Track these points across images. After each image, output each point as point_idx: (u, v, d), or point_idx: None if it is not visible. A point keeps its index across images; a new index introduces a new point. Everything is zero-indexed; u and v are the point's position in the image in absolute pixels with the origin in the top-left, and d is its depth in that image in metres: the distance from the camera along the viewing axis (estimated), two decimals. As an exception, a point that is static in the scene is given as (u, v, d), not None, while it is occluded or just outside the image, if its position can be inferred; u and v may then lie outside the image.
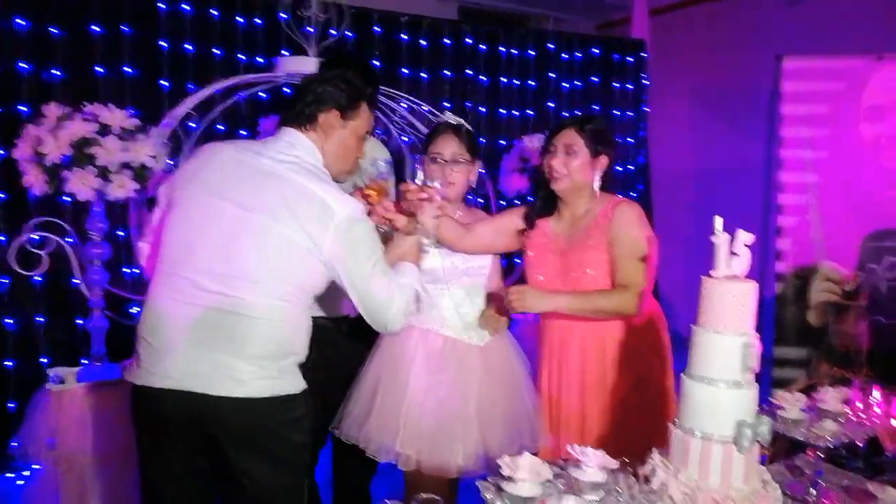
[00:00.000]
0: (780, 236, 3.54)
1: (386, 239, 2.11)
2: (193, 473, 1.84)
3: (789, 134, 3.48)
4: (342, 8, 3.37)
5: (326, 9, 3.33)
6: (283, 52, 3.76)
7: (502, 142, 4.79)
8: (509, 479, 1.39)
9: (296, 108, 1.92)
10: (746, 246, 1.61)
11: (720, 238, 1.61)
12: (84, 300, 2.97)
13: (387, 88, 3.80)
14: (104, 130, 2.82)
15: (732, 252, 1.61)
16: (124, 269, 3.63)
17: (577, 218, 2.36)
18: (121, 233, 3.47)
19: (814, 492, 1.89)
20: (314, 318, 2.45)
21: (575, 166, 2.27)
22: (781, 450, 2.17)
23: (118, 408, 2.25)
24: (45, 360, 3.39)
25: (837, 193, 3.40)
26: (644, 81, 5.22)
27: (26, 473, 3.22)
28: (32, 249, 2.89)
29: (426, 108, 3.46)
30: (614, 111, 5.21)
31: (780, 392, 1.93)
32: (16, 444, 2.87)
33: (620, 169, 5.06)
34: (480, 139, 4.45)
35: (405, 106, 3.51)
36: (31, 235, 2.89)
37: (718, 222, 1.62)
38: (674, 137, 5.45)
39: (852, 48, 3.34)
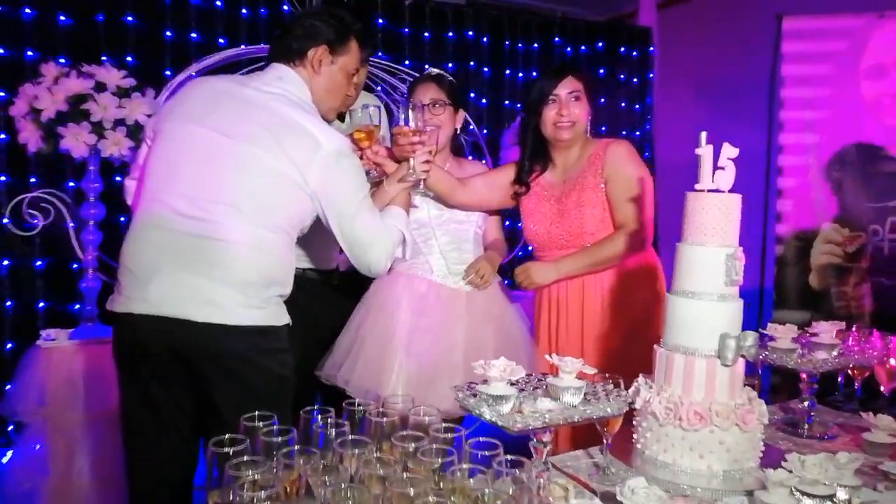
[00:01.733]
0: (780, 198, 3.49)
1: (375, 184, 2.10)
2: (175, 409, 1.80)
3: (790, 94, 3.44)
4: None
5: None
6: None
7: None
8: (484, 381, 1.36)
9: (284, 43, 1.90)
10: (730, 159, 1.58)
11: (704, 151, 1.58)
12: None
13: (390, 64, 3.84)
14: (100, 88, 2.84)
15: (718, 166, 1.58)
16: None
17: (568, 165, 2.36)
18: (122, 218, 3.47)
19: (807, 425, 1.86)
20: (304, 270, 2.49)
21: (581, 113, 2.28)
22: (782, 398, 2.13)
23: (109, 366, 2.26)
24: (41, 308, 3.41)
25: (840, 153, 3.34)
26: (650, 75, 5.15)
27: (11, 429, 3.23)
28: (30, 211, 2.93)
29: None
30: (620, 103, 5.17)
31: (773, 324, 1.88)
32: (8, 396, 2.86)
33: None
34: (484, 130, 4.49)
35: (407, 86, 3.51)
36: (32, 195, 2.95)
37: (703, 136, 1.60)
38: (679, 130, 5.33)
39: (853, 6, 3.28)
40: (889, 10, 3.20)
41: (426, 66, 4.65)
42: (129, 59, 3.54)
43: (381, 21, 4.31)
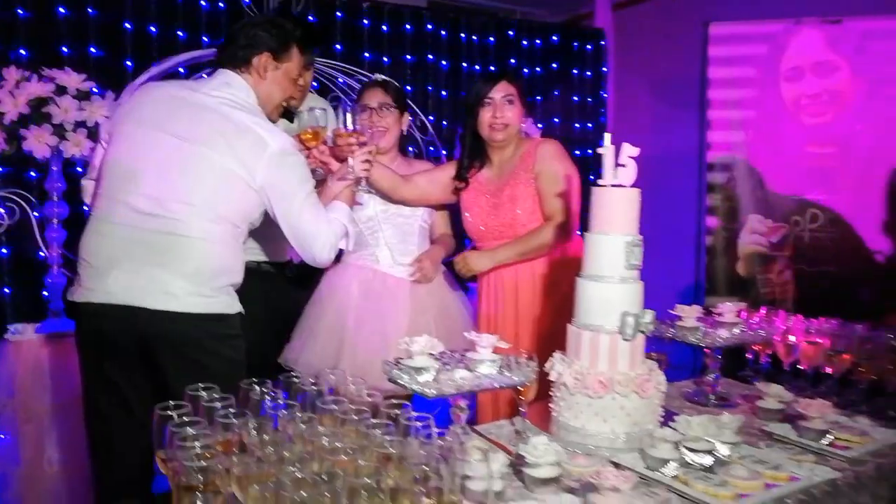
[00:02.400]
0: (710, 192, 3.73)
1: (321, 182, 2.26)
2: (133, 393, 1.92)
3: (717, 96, 3.68)
4: None
5: None
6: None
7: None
8: (408, 356, 1.53)
9: (229, 51, 2.04)
10: (631, 157, 1.77)
11: (607, 150, 1.77)
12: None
13: (349, 67, 3.98)
14: (61, 91, 2.95)
15: (619, 164, 1.77)
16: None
17: (503, 162, 2.55)
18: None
19: (712, 398, 2.06)
20: (258, 264, 2.63)
21: (513, 115, 2.45)
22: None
23: (74, 358, 2.37)
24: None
25: (763, 150, 3.59)
26: (603, 69, 5.34)
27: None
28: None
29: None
30: (574, 97, 5.35)
31: (680, 305, 2.08)
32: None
33: (579, 153, 5.21)
34: (442, 122, 4.66)
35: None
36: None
37: (607, 137, 1.79)
38: (632, 125, 5.55)
39: (773, 13, 3.53)
40: (805, 17, 3.46)
41: (385, 60, 4.81)
42: (91, 50, 3.61)
43: (339, 14, 4.42)
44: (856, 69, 3.40)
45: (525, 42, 5.14)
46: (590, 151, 5.37)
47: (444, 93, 4.89)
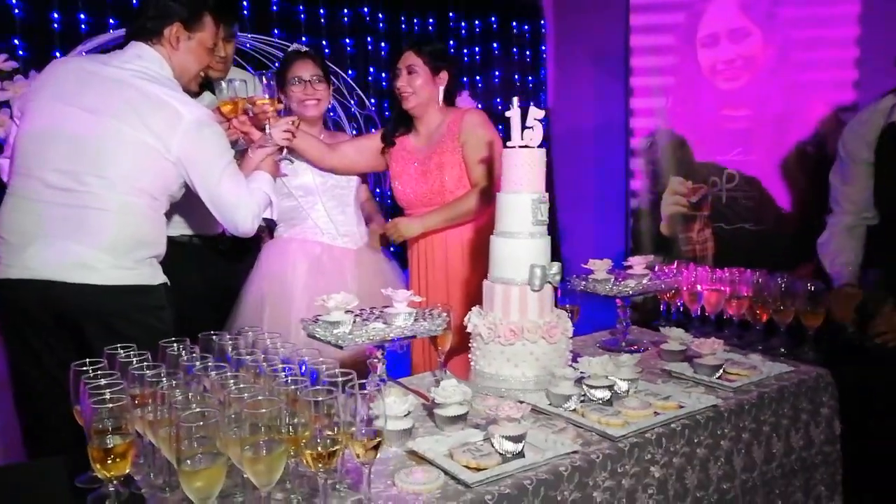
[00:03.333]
0: (633, 157, 3.88)
1: (242, 153, 2.30)
2: (57, 366, 1.89)
3: (639, 63, 3.82)
4: None
5: None
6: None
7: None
8: (326, 312, 1.61)
9: (140, 23, 2.03)
10: (537, 119, 1.86)
11: (514, 112, 1.86)
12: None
13: (283, 42, 3.96)
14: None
15: (527, 126, 1.86)
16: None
17: (431, 131, 2.61)
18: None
19: (624, 344, 2.20)
20: (189, 237, 2.65)
21: (418, 84, 2.51)
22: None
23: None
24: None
25: (683, 115, 3.75)
26: (542, 47, 5.41)
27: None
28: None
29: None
30: (514, 76, 5.42)
31: (593, 260, 2.21)
32: None
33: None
34: (385, 103, 4.67)
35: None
36: None
37: (515, 101, 1.88)
38: (574, 101, 5.64)
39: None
40: (720, -15, 3.61)
41: (323, 43, 4.81)
42: (15, 41, 3.53)
43: (274, 7, 4.41)
44: (767, 35, 3.57)
45: (464, 24, 5.20)
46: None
47: (383, 75, 4.93)
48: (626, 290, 2.11)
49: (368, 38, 4.85)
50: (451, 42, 5.15)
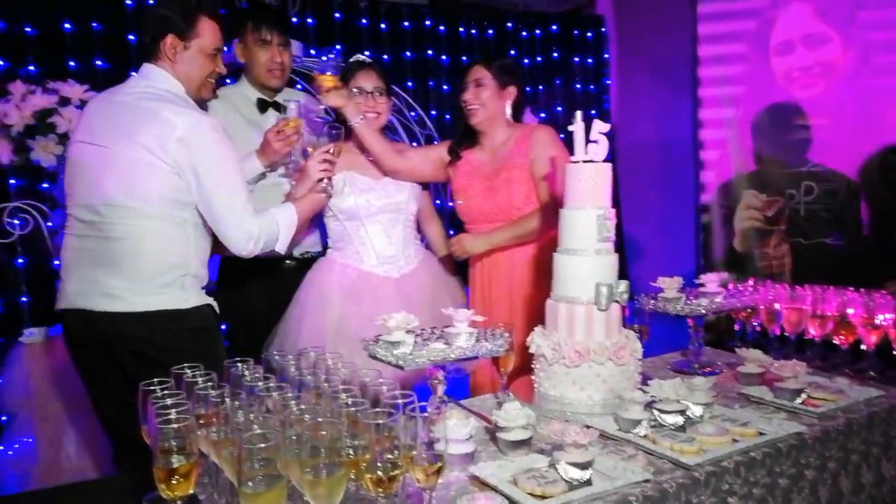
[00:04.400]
0: (703, 170, 3.75)
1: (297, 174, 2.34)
2: (111, 386, 1.97)
3: (707, 73, 3.69)
4: None
5: None
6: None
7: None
8: (387, 332, 1.60)
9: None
10: (602, 133, 1.81)
11: (577, 126, 1.81)
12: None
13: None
14: (64, 102, 3.06)
15: (591, 140, 1.81)
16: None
17: (496, 147, 2.57)
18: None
19: (696, 366, 2.11)
20: (256, 257, 2.71)
21: (485, 98, 2.48)
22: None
23: None
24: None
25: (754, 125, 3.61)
26: (605, 55, 5.33)
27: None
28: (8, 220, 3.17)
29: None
30: (576, 84, 5.35)
31: (662, 278, 2.13)
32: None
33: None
34: (446, 115, 4.70)
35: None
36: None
37: (578, 115, 1.84)
38: (637, 110, 5.53)
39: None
40: (793, -10, 3.47)
41: (385, 58, 4.87)
42: (96, 63, 3.72)
43: (337, 15, 4.50)
44: (846, 39, 3.40)
45: (525, 33, 5.17)
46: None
47: (445, 87, 4.95)
48: (699, 310, 2.02)
49: (429, 51, 4.89)
50: (512, 51, 5.14)
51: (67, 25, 3.66)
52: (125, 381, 1.95)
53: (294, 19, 3.94)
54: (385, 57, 4.73)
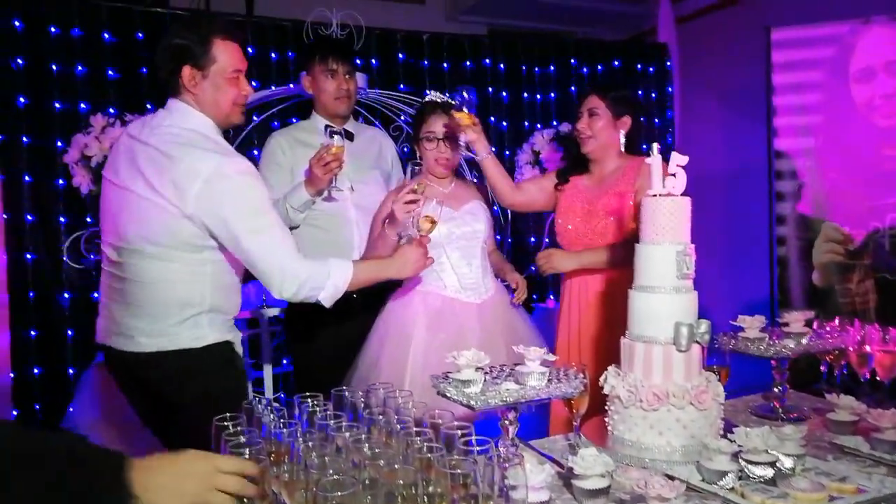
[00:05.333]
0: (780, 202, 3.59)
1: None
2: (153, 424, 2.04)
3: (783, 102, 3.56)
4: (362, 27, 3.73)
5: (346, 28, 3.68)
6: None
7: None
8: (456, 370, 1.56)
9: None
10: (680, 166, 1.75)
11: (654, 159, 1.75)
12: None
13: (408, 96, 4.13)
14: None
15: (670, 173, 1.75)
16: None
17: (604, 175, 2.60)
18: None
19: (780, 411, 1.98)
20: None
21: (598, 127, 2.52)
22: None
23: None
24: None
25: (835, 155, 3.45)
26: (669, 89, 5.23)
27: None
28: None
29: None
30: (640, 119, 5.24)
31: (743, 316, 2.02)
32: (70, 415, 3.16)
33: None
34: (505, 152, 4.70)
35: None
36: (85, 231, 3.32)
37: (654, 147, 1.78)
38: (702, 139, 5.37)
39: (838, 14, 3.40)
40: (874, 15, 3.32)
41: (445, 93, 4.91)
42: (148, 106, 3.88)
43: (401, 55, 4.60)
44: (933, 66, 3.23)
45: (586, 69, 5.16)
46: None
47: (504, 124, 4.97)
48: (785, 352, 1.90)
49: (490, 88, 4.92)
50: (573, 88, 5.10)
51: (144, 70, 3.84)
52: (153, 416, 2.00)
53: (358, 60, 4.04)
54: (445, 94, 4.78)
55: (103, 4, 3.75)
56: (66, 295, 3.71)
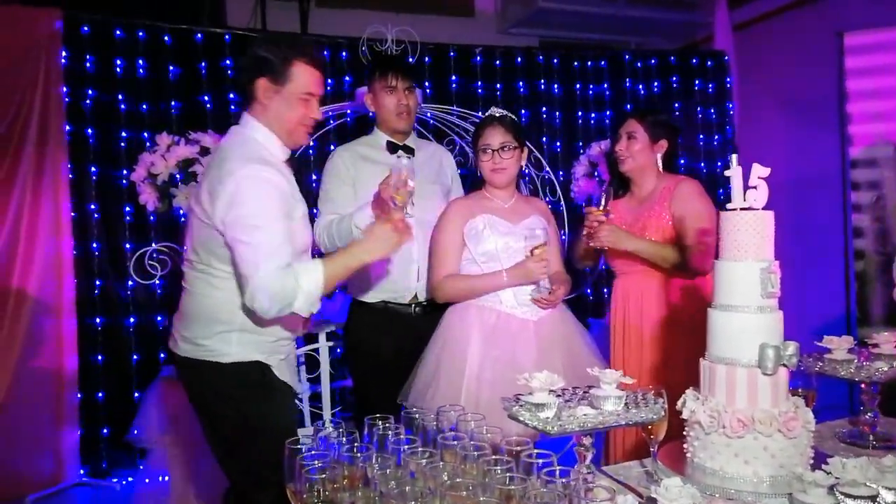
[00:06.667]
0: (857, 213, 3.42)
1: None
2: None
3: (857, 109, 3.40)
4: (416, 42, 3.76)
5: (401, 43, 3.72)
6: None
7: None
8: (528, 392, 1.50)
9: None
10: (761, 178, 1.66)
11: (734, 171, 1.67)
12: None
13: (463, 110, 4.13)
14: (205, 152, 3.23)
15: (750, 186, 1.66)
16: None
17: (644, 195, 2.73)
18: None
19: (872, 438, 1.86)
20: (383, 303, 2.71)
21: (636, 150, 2.65)
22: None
23: None
24: (163, 355, 3.81)
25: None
26: (729, 104, 5.08)
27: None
28: (150, 262, 3.41)
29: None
30: (699, 135, 5.12)
31: (828, 336, 1.91)
32: (135, 431, 3.22)
33: (705, 169, 5.03)
34: (559, 173, 4.64)
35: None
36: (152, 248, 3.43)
37: (733, 158, 1.69)
38: (764, 148, 5.18)
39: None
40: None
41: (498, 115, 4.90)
42: (232, 108, 3.98)
43: (454, 78, 4.63)
44: None
45: (642, 87, 5.11)
46: (719, 164, 5.09)
47: (557, 143, 4.94)
48: (877, 374, 1.78)
49: (543, 108, 4.88)
50: (627, 107, 5.01)
51: (206, 98, 3.95)
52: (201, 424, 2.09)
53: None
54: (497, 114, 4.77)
55: (167, 26, 3.87)
56: (131, 320, 3.82)
